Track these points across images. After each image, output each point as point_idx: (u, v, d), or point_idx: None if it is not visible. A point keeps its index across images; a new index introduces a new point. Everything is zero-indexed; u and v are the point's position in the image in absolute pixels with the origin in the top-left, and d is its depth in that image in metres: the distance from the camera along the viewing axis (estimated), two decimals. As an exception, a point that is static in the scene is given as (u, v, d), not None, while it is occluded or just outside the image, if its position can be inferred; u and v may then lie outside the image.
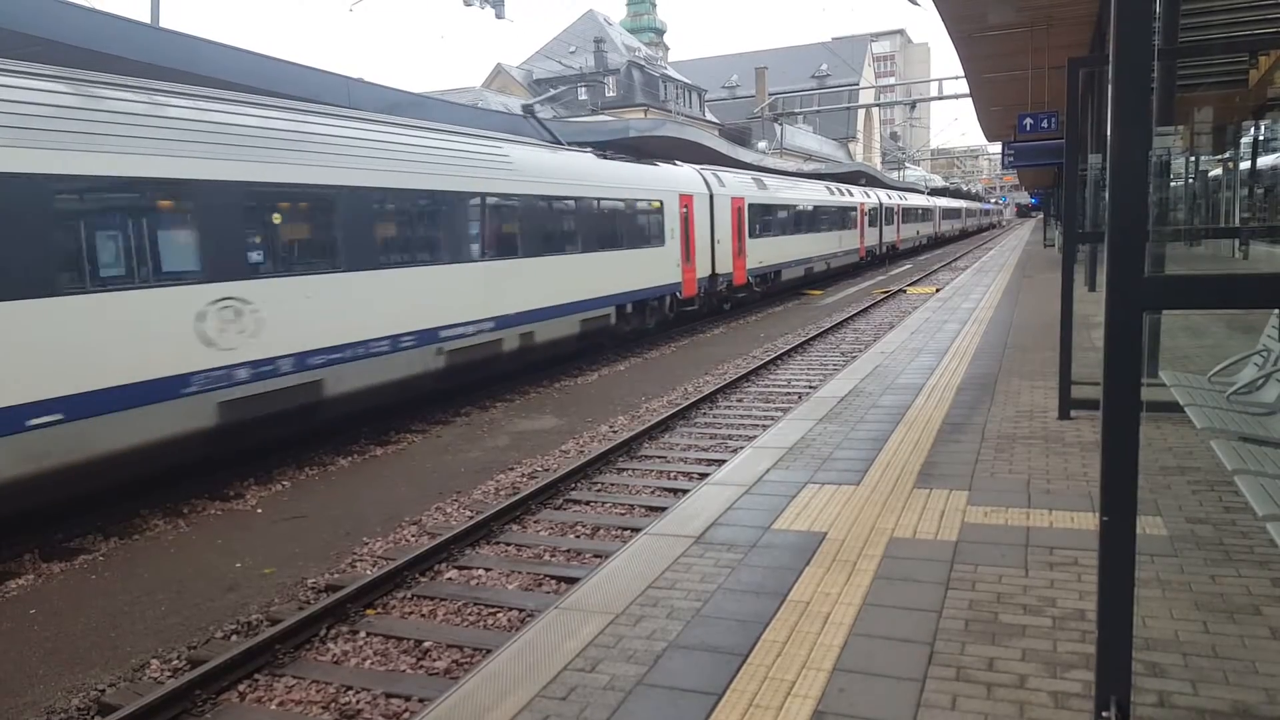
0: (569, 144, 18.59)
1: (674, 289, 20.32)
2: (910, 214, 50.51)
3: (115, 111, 8.29)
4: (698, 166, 23.15)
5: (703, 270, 21.99)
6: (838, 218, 34.11)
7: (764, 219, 26.02)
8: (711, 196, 22.35)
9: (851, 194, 37.20)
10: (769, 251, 26.28)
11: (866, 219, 38.80)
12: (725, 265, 23.02)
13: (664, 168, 21.04)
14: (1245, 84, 16.21)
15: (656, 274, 19.50)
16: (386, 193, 11.29)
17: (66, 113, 7.84)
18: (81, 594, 6.96)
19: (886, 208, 43.33)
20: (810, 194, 31.33)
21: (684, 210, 20.91)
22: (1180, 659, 3.52)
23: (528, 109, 20.76)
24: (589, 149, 18.25)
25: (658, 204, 19.69)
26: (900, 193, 51.12)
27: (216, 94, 9.82)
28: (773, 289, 27.18)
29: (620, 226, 17.96)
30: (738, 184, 24.45)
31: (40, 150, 7.50)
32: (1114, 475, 2.40)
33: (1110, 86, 2.31)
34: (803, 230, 29.65)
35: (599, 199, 16.97)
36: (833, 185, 36.07)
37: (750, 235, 24.61)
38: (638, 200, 18.76)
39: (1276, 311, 6.29)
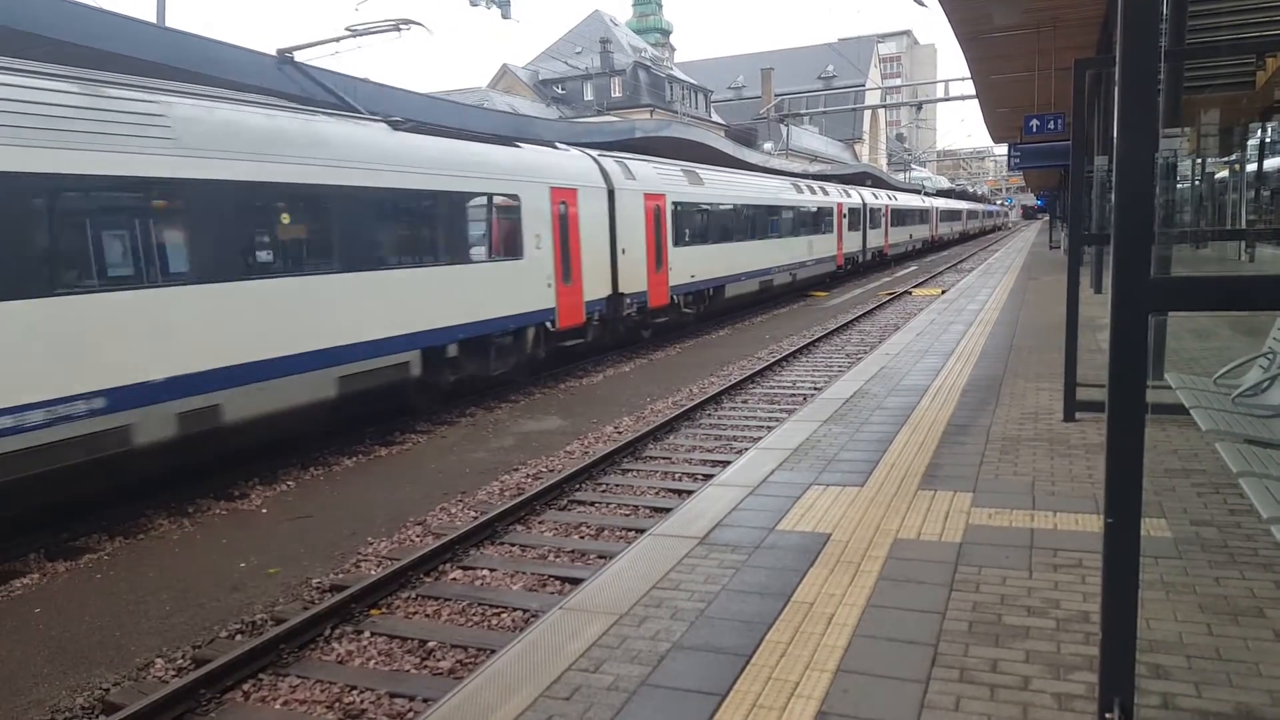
0: (568, 144, 18.48)
1: (543, 318, 14.77)
2: (902, 216, 45.90)
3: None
4: (599, 152, 17.90)
5: (597, 290, 16.66)
6: (808, 220, 29.37)
7: (697, 222, 21.04)
8: (611, 192, 16.97)
9: (827, 192, 32.56)
10: (705, 263, 21.17)
11: (846, 221, 34.18)
12: (636, 282, 17.72)
13: (528, 149, 15.27)
14: (1252, 86, 16.18)
15: (509, 298, 13.95)
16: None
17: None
18: (86, 593, 6.98)
19: (872, 209, 38.73)
20: (767, 191, 26.05)
21: (560, 209, 15.37)
22: (1184, 661, 3.51)
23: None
24: (379, 117, 12.48)
25: (510, 200, 14.10)
26: (890, 192, 46.21)
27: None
28: (712, 309, 22.22)
29: (430, 232, 12.52)
30: (656, 177, 19.25)
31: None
32: (1119, 477, 2.40)
33: (1116, 88, 2.31)
34: (756, 236, 24.64)
35: (374, 189, 11.20)
36: (803, 182, 31.25)
37: (677, 243, 19.62)
38: (470, 195, 13.21)
39: (1282, 314, 6.26)
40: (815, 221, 30.17)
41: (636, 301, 17.99)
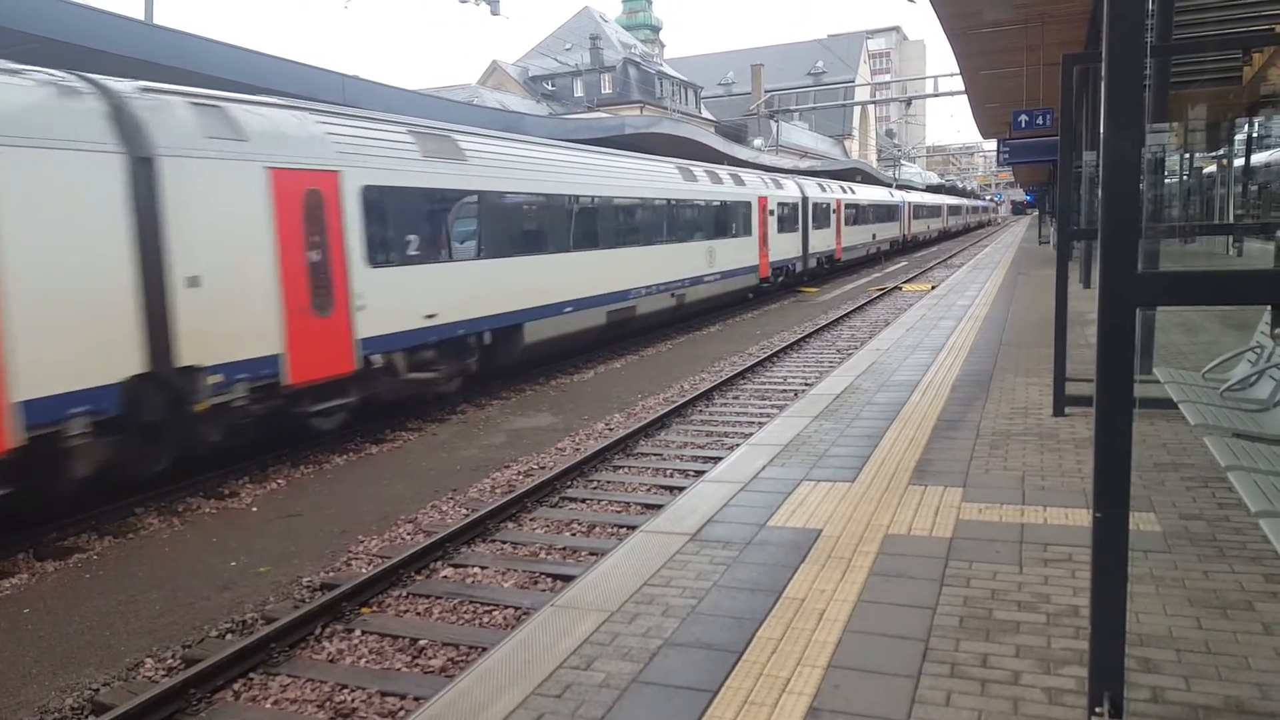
0: (567, 141, 18.51)
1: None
2: (863, 212, 38.55)
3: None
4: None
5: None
6: (706, 220, 22.00)
7: (424, 224, 12.41)
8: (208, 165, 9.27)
9: (742, 181, 24.88)
10: (445, 294, 12.39)
11: (774, 220, 26.62)
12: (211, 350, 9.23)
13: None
14: (1239, 81, 16.24)
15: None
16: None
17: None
18: (75, 593, 6.94)
19: (818, 203, 31.13)
20: (620, 177, 17.99)
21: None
22: (1174, 655, 3.53)
23: None
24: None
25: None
26: (844, 184, 37.77)
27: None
28: (498, 364, 14.06)
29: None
30: (319, 142, 10.47)
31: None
32: (1107, 471, 2.40)
33: (1103, 84, 2.31)
34: (585, 244, 16.36)
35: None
36: (701, 168, 22.87)
37: (374, 262, 10.97)
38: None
39: (1269, 308, 6.30)
40: (719, 222, 22.64)
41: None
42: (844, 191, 36.16)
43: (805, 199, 29.76)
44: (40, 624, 6.43)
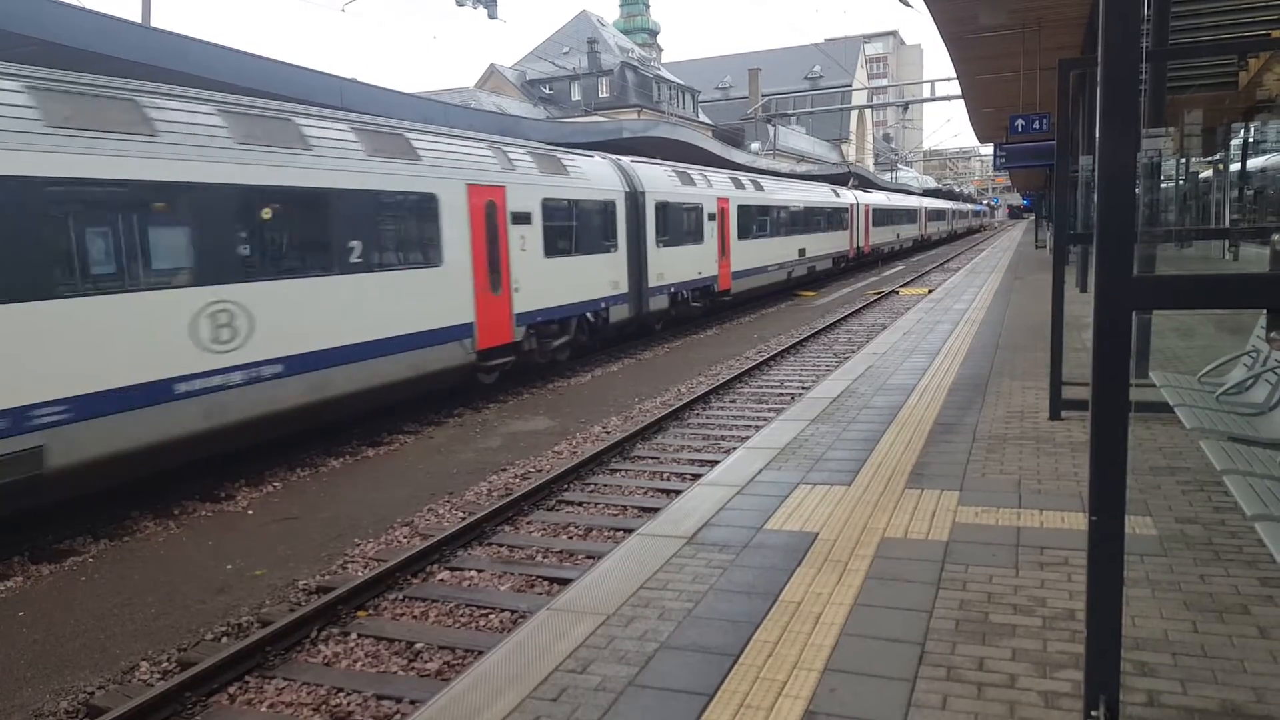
0: (563, 145, 18.53)
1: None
2: (779, 218, 27.75)
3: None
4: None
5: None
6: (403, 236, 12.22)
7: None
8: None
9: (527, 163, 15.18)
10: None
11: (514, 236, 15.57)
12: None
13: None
14: (1235, 86, 16.29)
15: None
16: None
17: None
18: (71, 596, 6.93)
19: (685, 209, 20.60)
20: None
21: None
22: (1169, 658, 3.53)
23: None
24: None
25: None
26: (755, 176, 27.57)
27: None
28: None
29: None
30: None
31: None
32: (1102, 475, 2.41)
33: (1099, 88, 2.32)
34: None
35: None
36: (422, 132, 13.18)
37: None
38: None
39: (1265, 312, 6.31)
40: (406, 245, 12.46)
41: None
42: (752, 187, 25.34)
43: (660, 206, 19.43)
44: (35, 627, 6.41)
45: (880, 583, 4.44)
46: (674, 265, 19.92)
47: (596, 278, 16.76)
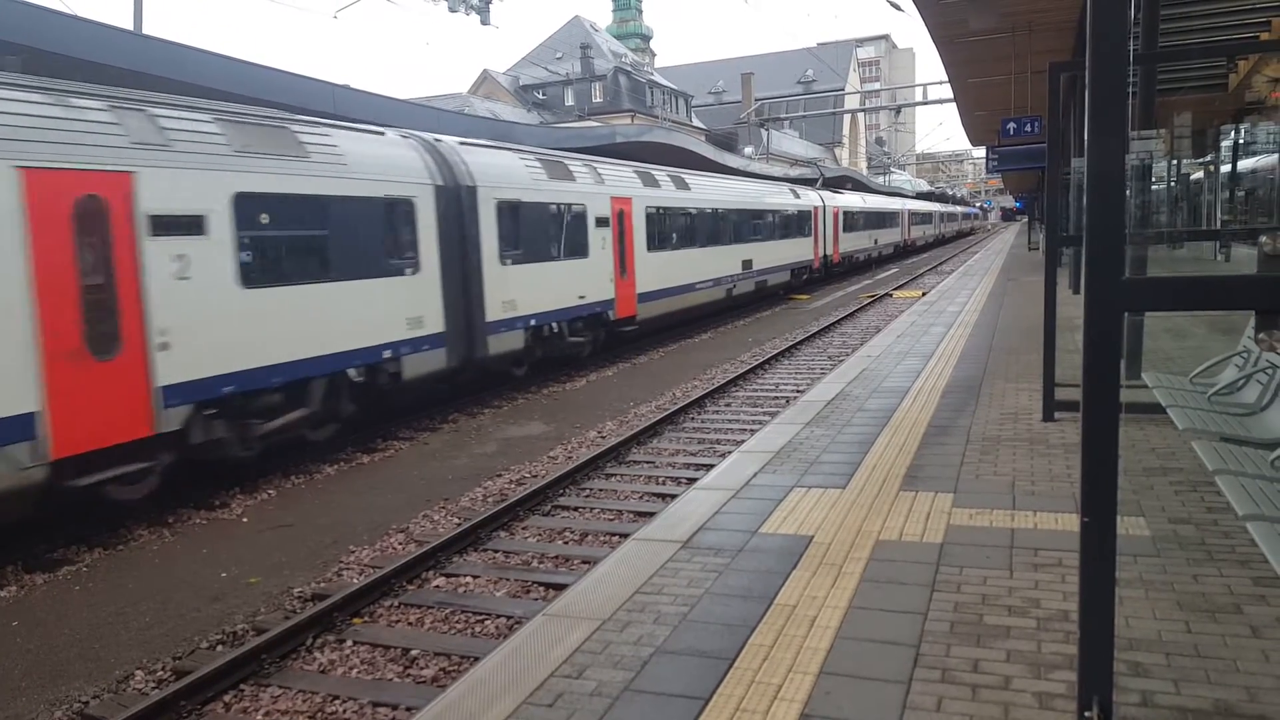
0: (557, 150, 18.49)
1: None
2: (713, 224, 22.77)
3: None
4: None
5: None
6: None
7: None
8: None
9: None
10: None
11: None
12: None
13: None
14: (1225, 88, 16.38)
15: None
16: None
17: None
18: (65, 605, 6.90)
19: (554, 211, 15.68)
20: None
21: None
22: (1163, 658, 3.55)
23: None
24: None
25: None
26: (678, 172, 21.93)
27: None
28: None
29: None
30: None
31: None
32: (1094, 476, 2.41)
33: (1087, 91, 2.34)
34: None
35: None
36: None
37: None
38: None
39: (1254, 313, 6.34)
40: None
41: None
42: (642, 184, 19.14)
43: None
44: (29, 636, 6.39)
45: (875, 585, 4.45)
46: (534, 289, 14.56)
47: (372, 313, 11.33)
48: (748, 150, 49.17)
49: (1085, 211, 2.37)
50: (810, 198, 32.64)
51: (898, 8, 22.96)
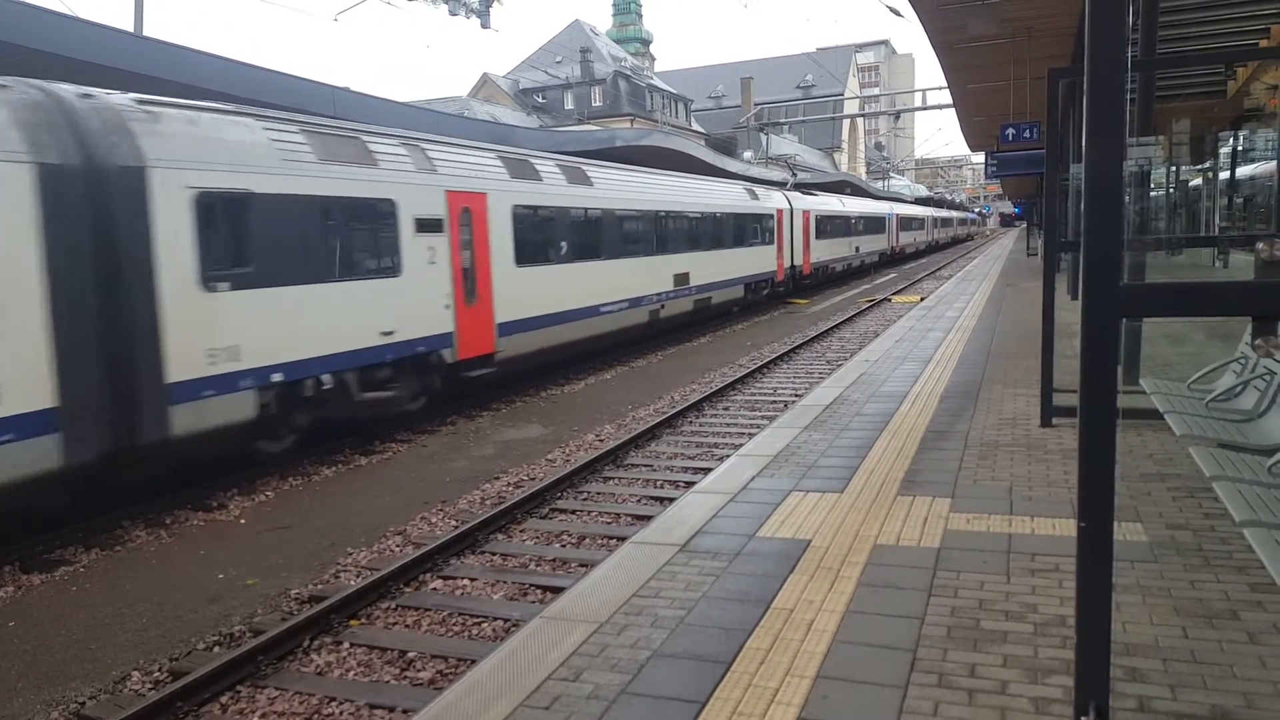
0: (554, 153, 18.46)
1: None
2: (628, 229, 18.62)
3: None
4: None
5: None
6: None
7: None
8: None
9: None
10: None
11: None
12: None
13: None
14: (1223, 95, 16.40)
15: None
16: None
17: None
18: (62, 606, 6.90)
19: (324, 210, 10.67)
20: None
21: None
22: (1160, 664, 3.55)
23: None
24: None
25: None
26: (578, 162, 17.69)
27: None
28: None
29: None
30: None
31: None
32: (1091, 482, 2.42)
33: (1085, 98, 2.34)
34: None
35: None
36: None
37: None
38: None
39: (1251, 319, 6.35)
40: None
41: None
42: (507, 175, 14.42)
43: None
44: (26, 637, 6.38)
45: (872, 590, 4.45)
46: (283, 325, 10.03)
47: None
48: (747, 155, 49.20)
49: (1083, 217, 2.38)
50: (773, 199, 28.35)
51: (897, 13, 23.03)
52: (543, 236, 15.30)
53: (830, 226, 34.69)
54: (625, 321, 18.08)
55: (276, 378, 9.91)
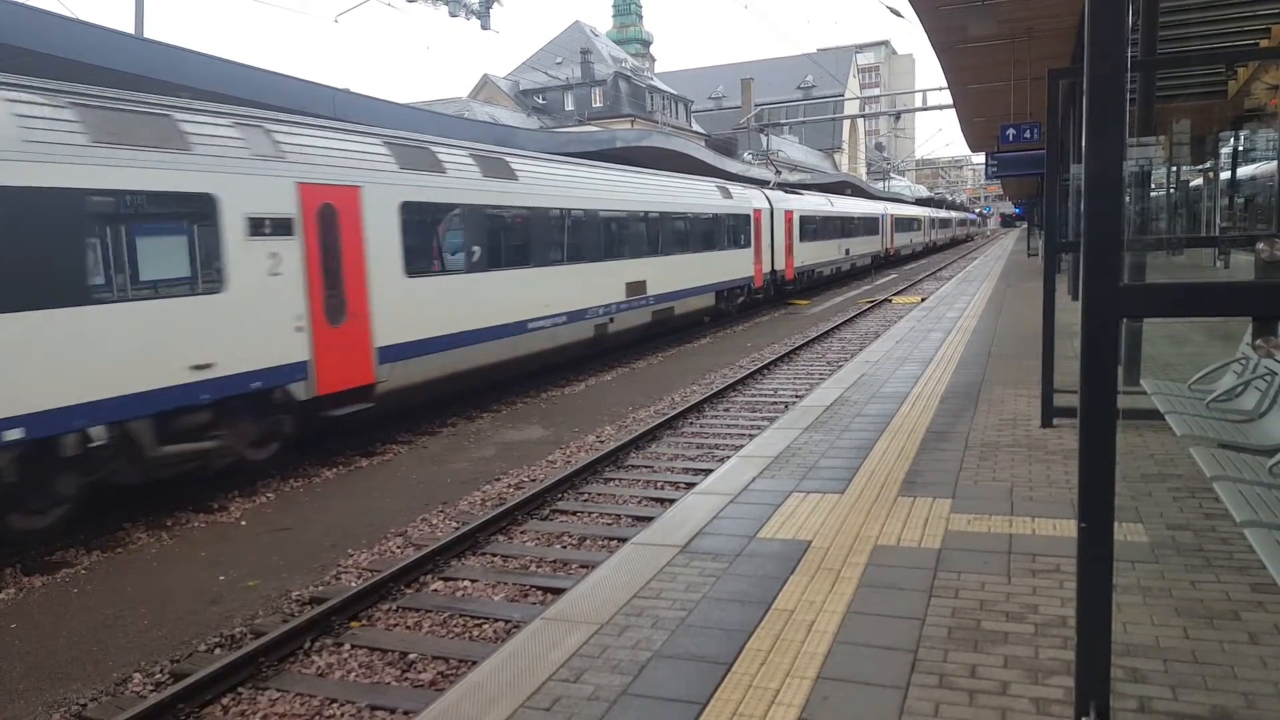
0: (554, 154, 18.45)
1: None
2: (539, 230, 15.20)
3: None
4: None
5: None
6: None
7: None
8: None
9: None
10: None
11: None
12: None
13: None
14: (1224, 95, 16.39)
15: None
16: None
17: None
18: (63, 607, 6.90)
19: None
20: None
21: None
22: (1160, 664, 3.55)
23: None
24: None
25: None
26: (307, 127, 10.95)
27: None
28: None
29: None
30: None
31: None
32: (1091, 482, 2.42)
33: (1084, 98, 2.34)
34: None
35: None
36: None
37: None
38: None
39: (1252, 319, 6.35)
40: None
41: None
42: (396, 164, 11.91)
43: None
44: (28, 639, 6.38)
45: (873, 590, 4.45)
46: (27, 365, 7.65)
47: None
48: (747, 155, 49.19)
49: (1083, 218, 2.38)
50: (749, 198, 25.99)
51: (898, 14, 23.03)
52: (447, 240, 13.00)
53: (817, 228, 32.71)
54: (563, 338, 15.69)
55: (13, 435, 7.44)
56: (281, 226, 9.90)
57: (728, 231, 23.75)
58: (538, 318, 14.79)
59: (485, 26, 24.22)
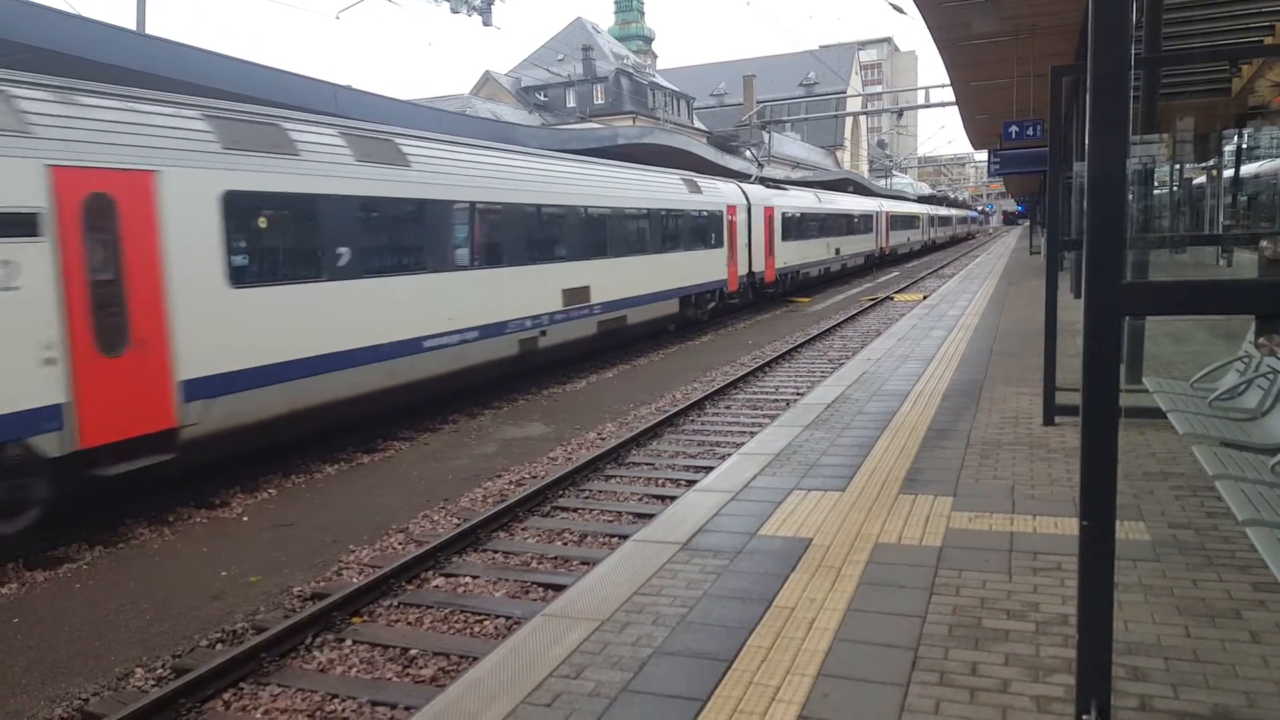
0: (561, 151, 18.45)
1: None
2: (440, 227, 12.57)
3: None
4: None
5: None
6: None
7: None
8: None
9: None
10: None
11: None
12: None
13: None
14: (1228, 92, 16.38)
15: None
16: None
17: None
18: (65, 603, 6.91)
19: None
20: None
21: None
22: (1162, 663, 3.54)
23: None
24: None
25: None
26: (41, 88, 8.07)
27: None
28: None
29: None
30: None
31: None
32: (1093, 481, 2.42)
33: (1088, 95, 2.34)
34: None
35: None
36: None
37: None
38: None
39: (1254, 318, 6.34)
40: None
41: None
42: (218, 145, 9.17)
43: None
44: (30, 634, 6.40)
45: (874, 588, 4.45)
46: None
47: None
48: (748, 153, 49.13)
49: (1086, 215, 2.38)
50: (723, 192, 23.49)
51: (900, 11, 23.00)
52: (300, 240, 10.35)
53: (802, 225, 30.02)
54: (475, 357, 13.12)
55: None
56: (20, 225, 7.39)
57: (695, 230, 21.41)
58: (438, 334, 12.24)
59: (487, 23, 24.21)
